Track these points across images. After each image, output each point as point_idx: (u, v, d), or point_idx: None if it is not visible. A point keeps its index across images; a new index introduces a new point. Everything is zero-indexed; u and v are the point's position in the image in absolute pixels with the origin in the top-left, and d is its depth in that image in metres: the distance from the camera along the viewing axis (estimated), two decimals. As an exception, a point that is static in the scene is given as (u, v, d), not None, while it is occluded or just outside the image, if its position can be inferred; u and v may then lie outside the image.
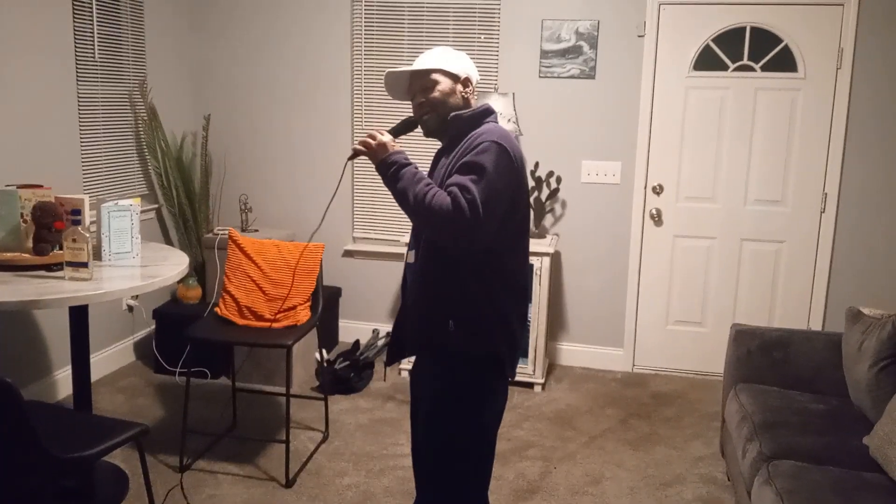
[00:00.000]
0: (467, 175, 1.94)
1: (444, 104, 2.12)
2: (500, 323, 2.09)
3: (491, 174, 1.93)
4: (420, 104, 2.15)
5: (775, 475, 2.38)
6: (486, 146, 1.98)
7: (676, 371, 4.56)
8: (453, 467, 2.12)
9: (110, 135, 4.20)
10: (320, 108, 4.73)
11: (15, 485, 2.14)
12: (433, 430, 2.15)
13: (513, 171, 2.00)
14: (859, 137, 4.13)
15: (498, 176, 1.95)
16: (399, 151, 2.07)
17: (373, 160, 2.07)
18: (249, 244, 3.53)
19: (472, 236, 1.92)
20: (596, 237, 4.50)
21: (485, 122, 2.12)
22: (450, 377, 2.11)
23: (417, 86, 2.15)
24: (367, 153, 2.08)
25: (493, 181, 1.93)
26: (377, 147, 2.06)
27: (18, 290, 2.51)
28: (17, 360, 3.63)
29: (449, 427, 2.12)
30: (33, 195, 2.92)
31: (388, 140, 2.07)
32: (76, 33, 3.87)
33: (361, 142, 2.09)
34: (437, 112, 2.13)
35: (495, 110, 2.20)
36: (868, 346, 2.78)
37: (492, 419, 2.17)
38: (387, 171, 2.04)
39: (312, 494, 3.08)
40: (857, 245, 4.22)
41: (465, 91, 2.16)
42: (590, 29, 4.30)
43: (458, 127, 2.12)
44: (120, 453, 3.28)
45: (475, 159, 1.96)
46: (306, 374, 4.30)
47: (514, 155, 2.01)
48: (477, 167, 1.94)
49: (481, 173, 1.93)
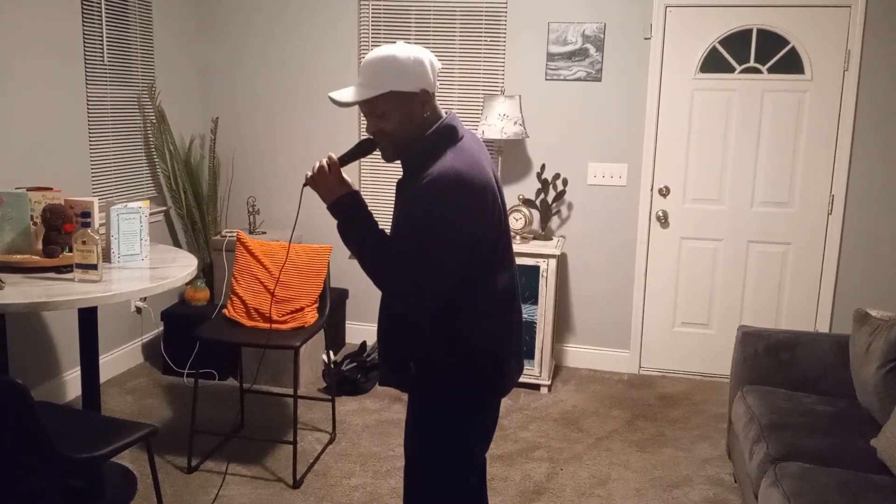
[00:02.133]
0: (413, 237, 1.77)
1: (402, 133, 1.86)
2: (474, 360, 1.90)
3: (440, 231, 1.76)
4: (374, 132, 1.88)
5: (782, 477, 2.38)
6: (432, 197, 1.75)
7: (683, 373, 4.55)
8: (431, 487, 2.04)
9: (119, 137, 4.23)
10: (327, 110, 4.75)
11: (25, 485, 2.16)
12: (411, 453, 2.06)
13: (468, 212, 1.79)
14: (866, 139, 4.12)
15: (446, 229, 1.76)
16: (346, 196, 1.87)
17: (321, 199, 1.89)
18: (257, 246, 3.54)
19: (421, 297, 1.80)
20: (602, 239, 4.50)
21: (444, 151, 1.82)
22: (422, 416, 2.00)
23: (366, 109, 1.86)
24: (314, 188, 1.89)
25: (442, 237, 1.76)
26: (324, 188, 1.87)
27: (28, 292, 2.52)
28: (26, 361, 3.65)
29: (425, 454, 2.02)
30: (43, 197, 2.94)
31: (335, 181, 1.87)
32: (85, 36, 3.89)
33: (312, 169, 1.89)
34: (394, 143, 1.88)
35: (455, 125, 1.89)
36: (876, 347, 2.77)
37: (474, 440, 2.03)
38: (334, 215, 1.88)
39: (320, 495, 3.09)
40: (865, 247, 4.21)
41: (423, 108, 1.85)
42: (596, 31, 4.31)
43: (412, 161, 1.88)
44: (128, 454, 3.29)
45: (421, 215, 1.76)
46: (313, 376, 4.32)
47: (471, 188, 1.78)
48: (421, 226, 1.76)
49: (426, 233, 1.76)
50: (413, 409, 2.03)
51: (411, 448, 2.06)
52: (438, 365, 1.91)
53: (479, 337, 1.90)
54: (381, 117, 1.84)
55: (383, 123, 1.85)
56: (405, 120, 1.84)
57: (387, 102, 1.82)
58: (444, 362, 1.90)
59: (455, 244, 1.78)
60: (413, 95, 1.83)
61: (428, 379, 1.92)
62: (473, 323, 1.89)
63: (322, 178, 1.87)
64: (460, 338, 1.89)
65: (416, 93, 1.83)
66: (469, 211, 1.79)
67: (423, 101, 1.85)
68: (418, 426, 2.02)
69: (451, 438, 1.98)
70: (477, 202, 1.80)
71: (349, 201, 1.87)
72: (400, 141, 1.87)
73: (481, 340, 1.91)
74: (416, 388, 1.96)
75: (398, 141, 1.87)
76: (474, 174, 1.80)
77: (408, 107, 1.83)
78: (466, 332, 1.89)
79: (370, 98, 1.82)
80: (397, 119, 1.84)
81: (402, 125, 1.85)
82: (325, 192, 1.88)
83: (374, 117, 1.86)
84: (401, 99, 1.82)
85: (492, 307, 1.91)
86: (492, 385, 1.96)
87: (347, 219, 1.87)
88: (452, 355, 1.90)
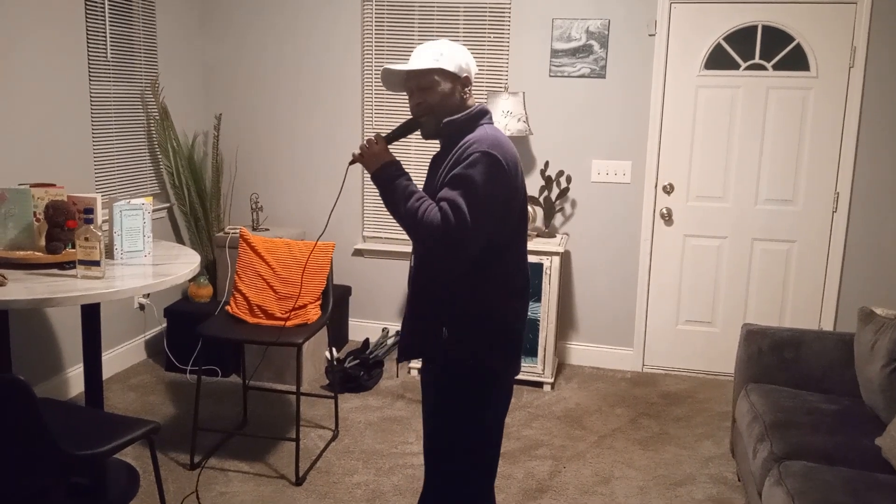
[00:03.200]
0: (456, 189, 1.96)
1: (443, 106, 2.09)
2: (497, 328, 2.10)
3: (479, 186, 1.95)
4: (418, 104, 2.11)
5: (786, 475, 2.37)
6: (476, 158, 1.97)
7: (686, 371, 4.54)
8: (455, 466, 2.16)
9: (122, 134, 4.23)
10: (331, 107, 4.74)
11: (27, 481, 2.16)
12: (434, 431, 2.19)
13: (504, 179, 1.99)
14: (872, 137, 4.10)
15: (487, 187, 1.95)
16: (391, 163, 2.07)
17: (367, 170, 2.09)
18: (260, 243, 3.54)
19: (463, 249, 1.96)
20: (606, 236, 4.49)
21: (479, 124, 2.09)
22: (448, 384, 2.13)
23: (415, 84, 2.10)
24: (361, 161, 2.09)
25: (482, 193, 1.95)
26: (370, 157, 2.07)
27: (31, 289, 2.52)
28: (29, 357, 3.66)
29: (449, 430, 2.15)
30: (46, 194, 2.94)
31: (380, 150, 2.07)
32: (89, 33, 3.89)
33: (360, 147, 2.11)
34: (435, 114, 2.10)
35: (489, 110, 2.18)
36: (881, 345, 2.76)
37: (493, 419, 2.18)
38: (380, 181, 2.06)
39: (322, 492, 3.09)
40: (869, 245, 4.20)
41: (464, 91, 2.11)
42: (600, 28, 4.29)
43: (451, 132, 2.10)
44: (131, 451, 3.30)
45: (464, 172, 1.97)
46: (316, 373, 4.32)
47: (505, 161, 2.00)
48: (465, 180, 1.96)
49: (469, 187, 1.95)
50: (437, 378, 2.16)
51: (433, 418, 2.18)
52: (470, 329, 2.07)
53: (505, 312, 2.10)
54: (427, 90, 2.08)
55: (428, 95, 2.08)
56: (447, 95, 2.08)
57: (435, 77, 2.07)
58: (475, 327, 2.07)
59: (489, 205, 1.97)
60: (457, 77, 2.09)
61: (457, 344, 2.07)
62: (500, 298, 2.08)
63: (369, 150, 2.09)
64: (489, 307, 2.07)
65: (460, 76, 2.09)
66: (502, 177, 1.99)
67: (465, 84, 2.10)
68: (442, 394, 2.14)
69: (475, 406, 2.12)
70: (508, 173, 2.01)
71: (393, 166, 2.07)
72: (441, 112, 2.09)
73: (509, 315, 2.10)
74: (447, 351, 2.08)
75: (440, 111, 2.09)
76: (508, 150, 2.04)
77: (451, 85, 2.08)
78: (494, 304, 2.08)
79: (424, 69, 2.06)
80: (440, 94, 2.07)
81: (444, 99, 2.08)
82: (371, 163, 2.08)
83: (420, 90, 2.09)
84: (447, 77, 2.07)
85: (514, 289, 2.11)
86: (513, 359, 2.15)
87: (392, 178, 2.04)
88: (482, 322, 2.07)
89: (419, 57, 2.08)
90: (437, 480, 2.21)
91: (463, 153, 2.00)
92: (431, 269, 2.11)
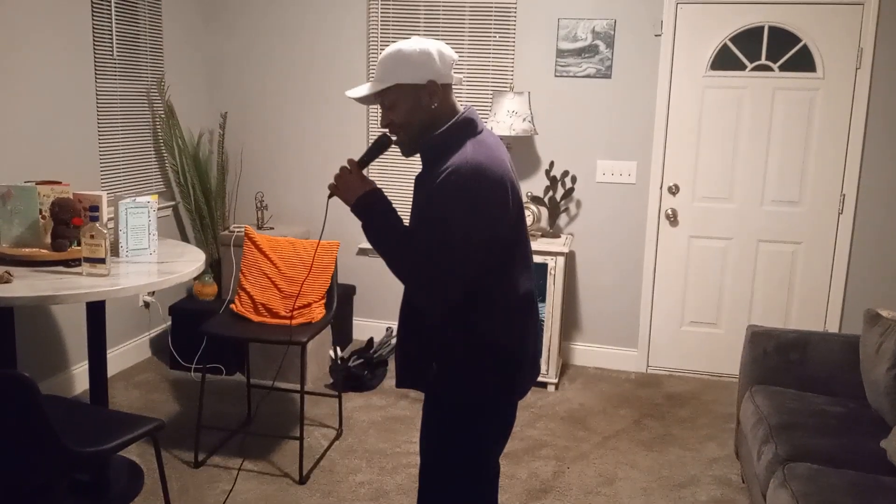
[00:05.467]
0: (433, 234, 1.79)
1: (410, 124, 1.90)
2: (495, 358, 1.92)
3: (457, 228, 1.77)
4: (387, 124, 1.94)
5: (791, 478, 2.36)
6: (452, 189, 1.77)
7: (691, 372, 4.53)
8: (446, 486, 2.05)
9: (128, 132, 4.23)
10: (336, 105, 4.74)
11: (32, 478, 2.16)
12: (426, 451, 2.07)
13: (486, 208, 1.80)
14: (878, 138, 4.09)
15: (466, 224, 1.77)
16: (369, 192, 1.90)
17: (344, 202, 1.93)
18: (265, 241, 3.54)
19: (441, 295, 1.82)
20: (611, 237, 4.49)
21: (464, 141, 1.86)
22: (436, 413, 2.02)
23: (377, 101, 1.95)
24: (337, 194, 1.94)
25: (459, 235, 1.77)
26: (345, 189, 1.92)
27: (36, 286, 2.53)
28: (34, 354, 3.66)
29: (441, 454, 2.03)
30: (52, 191, 2.95)
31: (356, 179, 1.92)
32: (94, 30, 3.90)
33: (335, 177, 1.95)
34: (406, 132, 1.92)
35: (474, 118, 1.92)
36: (886, 348, 2.75)
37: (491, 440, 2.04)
38: (358, 215, 1.91)
39: (326, 491, 3.10)
40: (876, 246, 4.18)
41: (431, 99, 1.88)
42: (606, 28, 4.29)
43: (431, 152, 1.91)
44: (135, 448, 3.30)
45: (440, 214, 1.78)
46: (320, 372, 4.32)
47: (491, 180, 1.80)
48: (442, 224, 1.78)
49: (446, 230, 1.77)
50: (430, 409, 2.04)
51: (427, 447, 2.06)
52: (459, 363, 1.92)
53: (499, 335, 1.92)
54: (390, 109, 1.91)
55: (392, 115, 1.92)
56: (412, 110, 1.89)
57: (394, 94, 1.89)
58: (465, 361, 1.92)
59: (475, 236, 1.80)
60: (419, 87, 1.87)
61: (448, 378, 1.94)
62: (494, 321, 1.91)
63: (342, 181, 1.93)
64: (481, 335, 1.91)
65: (423, 84, 1.87)
66: (489, 203, 1.81)
67: (431, 91, 1.88)
68: (435, 425, 2.03)
69: (469, 438, 1.99)
70: (497, 195, 1.82)
71: (371, 198, 1.91)
72: (412, 132, 1.92)
73: (502, 339, 1.93)
74: (435, 387, 1.97)
75: (411, 132, 1.92)
76: (494, 167, 1.82)
77: (414, 97, 1.88)
78: (487, 330, 1.91)
79: (378, 91, 1.90)
80: (404, 109, 1.89)
81: (410, 115, 1.89)
82: (347, 195, 1.92)
83: (384, 109, 1.93)
84: (406, 90, 1.88)
85: (512, 306, 1.93)
86: (510, 384, 1.97)
87: (369, 213, 1.90)
88: (473, 353, 1.91)
89: (376, 73, 1.91)
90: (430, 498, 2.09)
91: (443, 182, 1.79)
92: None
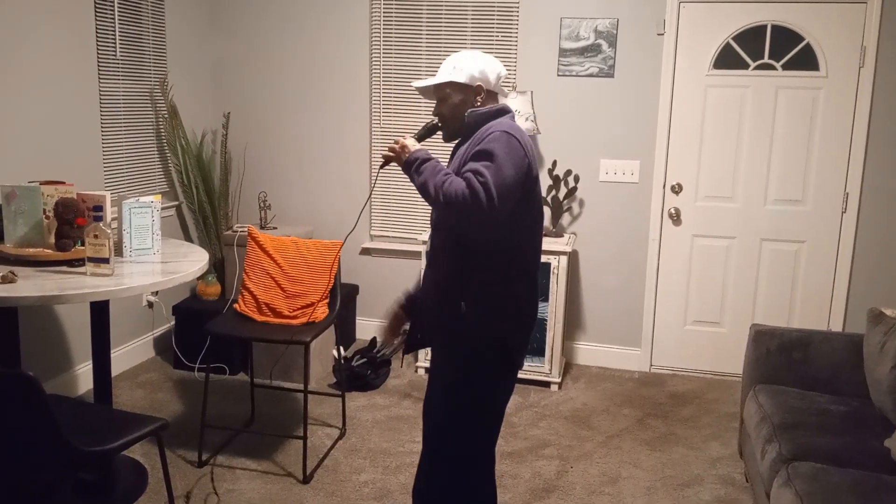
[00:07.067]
0: (479, 161, 2.06)
1: (454, 115, 2.25)
2: (513, 307, 2.21)
3: (501, 159, 2.05)
4: (437, 114, 2.30)
5: (794, 477, 2.36)
6: (496, 135, 2.10)
7: (694, 371, 4.53)
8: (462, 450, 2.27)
9: (131, 132, 4.24)
10: (339, 105, 4.75)
11: (37, 477, 2.17)
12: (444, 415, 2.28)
13: (522, 159, 2.10)
14: (882, 137, 4.08)
15: (508, 161, 2.05)
16: (420, 149, 2.20)
17: (399, 163, 2.22)
18: (268, 241, 3.55)
19: (488, 216, 2.02)
20: (614, 236, 4.49)
21: (500, 118, 2.23)
22: (462, 370, 2.23)
23: (435, 94, 2.30)
24: (393, 158, 2.23)
25: (504, 165, 2.04)
26: (401, 150, 2.21)
27: (40, 286, 2.53)
28: (39, 354, 3.67)
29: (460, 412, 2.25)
30: (56, 191, 2.95)
31: (410, 143, 2.22)
32: (98, 31, 3.90)
33: (388, 148, 2.24)
34: (448, 123, 2.28)
35: (511, 110, 2.30)
36: (890, 347, 2.75)
37: (501, 401, 2.30)
38: (410, 168, 2.17)
39: (329, 490, 3.10)
40: (879, 245, 4.17)
41: (478, 98, 2.24)
42: (609, 27, 4.28)
43: (473, 122, 2.23)
44: (139, 447, 3.31)
45: (486, 147, 2.08)
46: (324, 371, 4.32)
47: (523, 145, 2.12)
48: (488, 153, 2.06)
49: (492, 158, 2.05)
50: (443, 362, 2.28)
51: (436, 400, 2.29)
52: (488, 308, 2.17)
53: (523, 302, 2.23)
54: (442, 101, 2.27)
55: (442, 107, 2.27)
56: (458, 105, 2.24)
57: (448, 88, 2.25)
58: (493, 306, 2.18)
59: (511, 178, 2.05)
60: (468, 87, 2.24)
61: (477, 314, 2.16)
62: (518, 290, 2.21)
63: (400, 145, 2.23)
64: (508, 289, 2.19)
65: (472, 86, 2.23)
66: (521, 157, 2.10)
67: (477, 93, 2.24)
68: (451, 371, 2.24)
69: (481, 376, 2.22)
70: (527, 156, 2.12)
71: (422, 151, 2.20)
72: (454, 124, 2.26)
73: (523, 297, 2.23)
74: (461, 325, 2.17)
75: (453, 123, 2.26)
76: (526, 138, 2.17)
77: (462, 95, 2.24)
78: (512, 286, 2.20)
79: (436, 84, 2.26)
80: (451, 104, 2.25)
81: (455, 109, 2.25)
82: (402, 155, 2.21)
83: (438, 100, 2.28)
84: (458, 88, 2.24)
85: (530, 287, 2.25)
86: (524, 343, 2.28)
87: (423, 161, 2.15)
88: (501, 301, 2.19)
89: (440, 71, 2.28)
90: (440, 466, 2.29)
91: (483, 134, 2.14)
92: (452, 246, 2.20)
